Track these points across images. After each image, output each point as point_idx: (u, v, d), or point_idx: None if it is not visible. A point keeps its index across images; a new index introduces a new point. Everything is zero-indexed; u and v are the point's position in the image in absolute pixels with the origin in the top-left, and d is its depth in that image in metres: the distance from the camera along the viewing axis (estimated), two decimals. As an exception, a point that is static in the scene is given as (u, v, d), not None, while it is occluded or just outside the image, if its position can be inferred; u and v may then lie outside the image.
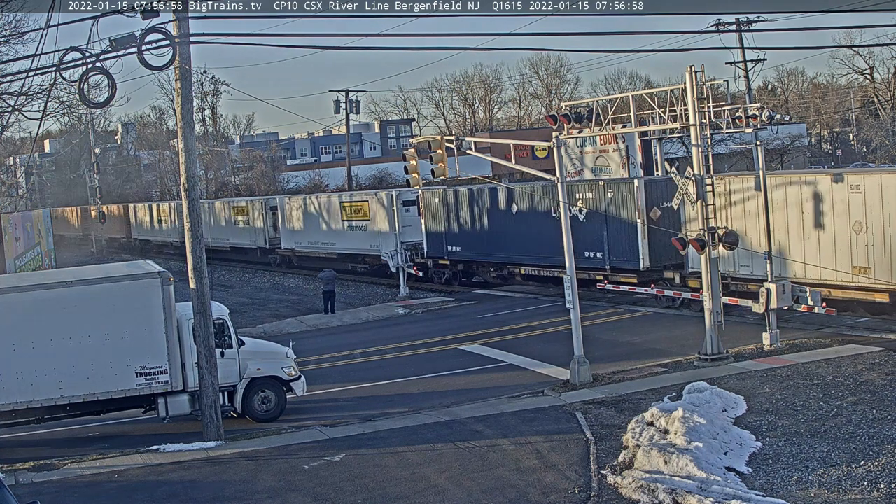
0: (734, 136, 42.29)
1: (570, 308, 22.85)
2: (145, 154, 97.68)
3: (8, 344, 19.87)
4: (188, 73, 19.81)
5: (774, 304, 23.93)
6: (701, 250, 23.77)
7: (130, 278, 21.00)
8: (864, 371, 20.81)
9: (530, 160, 55.37)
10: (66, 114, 62.76)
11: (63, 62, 17.50)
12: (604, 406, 20.19)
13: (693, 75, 23.51)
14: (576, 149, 50.37)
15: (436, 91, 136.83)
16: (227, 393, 21.46)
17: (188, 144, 20.06)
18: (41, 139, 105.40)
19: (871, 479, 14.77)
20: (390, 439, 19.08)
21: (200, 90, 79.29)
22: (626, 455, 16.64)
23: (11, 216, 49.24)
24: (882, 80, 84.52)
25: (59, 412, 20.70)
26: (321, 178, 78.64)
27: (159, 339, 20.54)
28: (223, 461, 18.49)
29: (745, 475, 15.49)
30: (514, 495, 15.45)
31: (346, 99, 62.68)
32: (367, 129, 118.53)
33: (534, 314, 32.67)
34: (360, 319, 35.68)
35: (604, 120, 25.87)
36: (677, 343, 25.68)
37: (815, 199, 25.20)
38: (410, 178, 26.00)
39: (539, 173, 26.09)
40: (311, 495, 16.20)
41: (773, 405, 18.99)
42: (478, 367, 25.49)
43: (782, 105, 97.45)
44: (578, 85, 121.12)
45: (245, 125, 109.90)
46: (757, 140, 27.00)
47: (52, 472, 18.42)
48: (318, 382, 24.57)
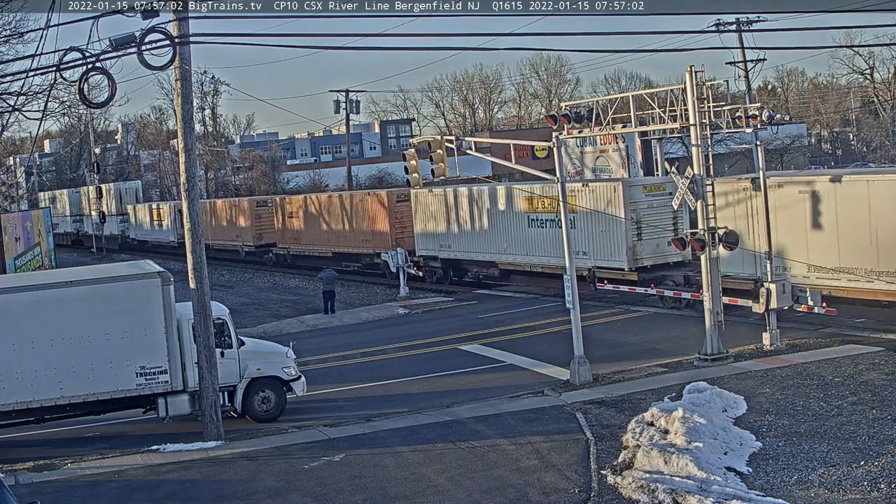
0: (734, 136, 42.33)
1: (570, 308, 22.86)
2: (145, 154, 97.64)
3: (8, 344, 19.87)
4: (188, 74, 19.81)
5: (774, 304, 23.94)
6: (701, 250, 23.78)
7: (130, 278, 20.98)
8: (864, 371, 20.81)
9: (530, 160, 55.33)
10: (66, 114, 62.73)
11: (63, 62, 17.50)
12: (604, 406, 20.19)
13: (693, 75, 23.52)
14: (576, 149, 50.34)
15: (436, 91, 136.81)
16: (227, 393, 21.47)
17: (188, 144, 20.06)
18: (41, 139, 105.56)
19: (871, 479, 14.77)
20: (390, 439, 19.08)
21: (200, 90, 79.23)
22: (626, 455, 16.64)
23: (11, 216, 49.19)
24: (882, 80, 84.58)
25: (59, 412, 20.70)
26: (321, 178, 78.61)
27: (159, 339, 20.54)
28: (223, 461, 18.49)
29: (745, 475, 15.50)
30: (514, 495, 15.45)
31: (346, 99, 62.66)
32: (367, 129, 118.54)
33: (534, 314, 32.67)
34: (360, 319, 35.67)
35: (604, 120, 25.88)
36: (677, 343, 25.68)
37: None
38: (410, 178, 26.01)
39: (539, 173, 26.08)
40: (311, 495, 16.20)
41: (773, 405, 18.99)
42: (478, 367, 25.49)
43: (782, 105, 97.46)
44: (578, 85, 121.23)
45: (245, 125, 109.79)
46: (757, 140, 27.00)
47: (52, 472, 18.41)
48: (318, 382, 24.57)
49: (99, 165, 76.66)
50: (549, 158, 49.04)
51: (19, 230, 47.45)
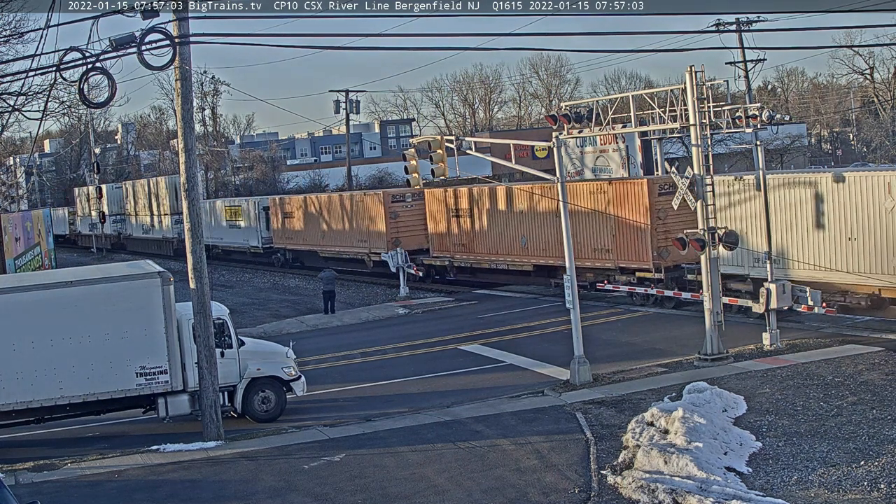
0: (734, 136, 42.32)
1: (570, 308, 22.86)
2: (145, 154, 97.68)
3: (8, 344, 19.86)
4: (188, 74, 19.80)
5: (774, 304, 23.94)
6: (701, 250, 23.78)
7: (130, 278, 20.98)
8: (864, 371, 20.81)
9: (530, 160, 55.37)
10: (66, 114, 62.73)
11: (63, 62, 17.50)
12: (604, 406, 20.19)
13: (693, 75, 23.52)
14: (576, 149, 50.42)
15: (436, 91, 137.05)
16: (227, 393, 21.46)
17: (188, 144, 20.06)
18: (41, 139, 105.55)
19: (871, 479, 14.77)
20: (390, 439, 19.08)
21: (200, 90, 79.19)
22: (626, 455, 16.65)
23: (11, 216, 49.21)
24: (882, 80, 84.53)
25: (59, 412, 20.69)
26: (321, 179, 78.62)
27: (159, 339, 20.54)
28: (223, 461, 18.49)
29: (745, 475, 15.50)
30: (514, 495, 15.45)
31: (346, 99, 62.68)
32: (367, 129, 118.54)
33: (534, 314, 32.67)
34: (360, 319, 35.67)
35: (604, 120, 25.87)
36: (677, 343, 25.68)
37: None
38: (411, 178, 26.00)
39: (539, 173, 26.08)
40: (311, 495, 16.20)
41: (774, 405, 18.99)
42: (478, 367, 25.49)
43: (782, 105, 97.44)
44: (578, 85, 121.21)
45: (245, 125, 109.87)
46: (757, 140, 26.99)
47: (52, 472, 18.41)
48: (318, 382, 24.57)
49: (99, 165, 76.72)
50: (549, 158, 49.09)
51: (19, 230, 47.46)
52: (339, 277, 40.59)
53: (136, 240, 68.70)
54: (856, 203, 24.35)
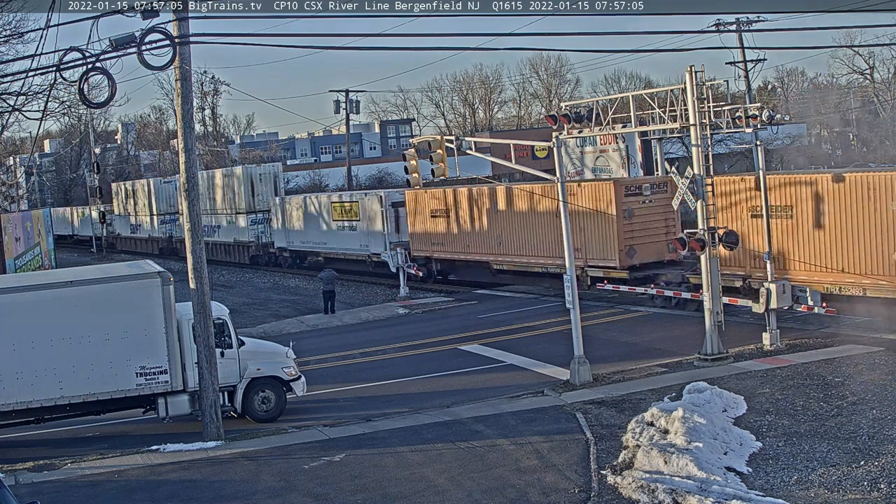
0: (734, 136, 42.35)
1: (570, 308, 22.86)
2: (145, 154, 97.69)
3: (8, 344, 19.87)
4: (188, 74, 19.80)
5: (774, 304, 23.94)
6: (701, 250, 23.78)
7: (130, 278, 20.99)
8: (864, 371, 20.81)
9: (530, 160, 55.29)
10: (66, 114, 62.59)
11: (63, 62, 17.50)
12: (604, 406, 20.19)
13: (693, 75, 23.52)
14: (576, 149, 50.37)
15: (436, 91, 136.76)
16: (227, 393, 21.47)
17: (188, 144, 20.06)
18: (41, 139, 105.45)
19: (871, 479, 14.77)
20: (390, 439, 19.08)
21: (200, 90, 79.36)
22: (626, 455, 16.65)
23: (11, 216, 49.21)
24: (882, 80, 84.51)
25: (59, 412, 20.71)
26: (321, 179, 78.61)
27: (159, 340, 20.54)
28: (223, 461, 18.49)
29: (745, 475, 15.50)
30: (514, 495, 15.45)
31: (346, 99, 62.68)
32: (367, 129, 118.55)
33: (534, 314, 32.67)
34: (360, 319, 35.67)
35: (604, 120, 25.88)
36: (677, 343, 25.68)
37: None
38: (411, 178, 26.00)
39: (539, 173, 26.08)
40: (311, 495, 16.20)
41: (774, 405, 18.99)
42: (478, 367, 25.49)
43: (782, 105, 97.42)
44: (578, 85, 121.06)
45: (245, 125, 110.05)
46: (757, 140, 27.00)
47: (52, 472, 18.41)
48: (318, 382, 24.57)
49: (99, 165, 76.71)
50: (549, 158, 49.05)
51: (19, 230, 47.48)
52: (338, 277, 40.33)
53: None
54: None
